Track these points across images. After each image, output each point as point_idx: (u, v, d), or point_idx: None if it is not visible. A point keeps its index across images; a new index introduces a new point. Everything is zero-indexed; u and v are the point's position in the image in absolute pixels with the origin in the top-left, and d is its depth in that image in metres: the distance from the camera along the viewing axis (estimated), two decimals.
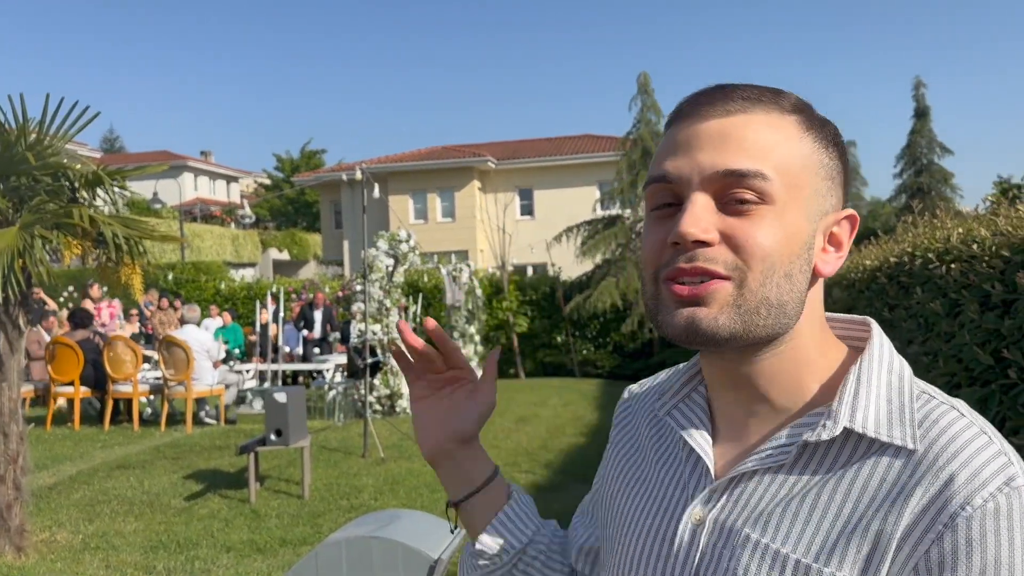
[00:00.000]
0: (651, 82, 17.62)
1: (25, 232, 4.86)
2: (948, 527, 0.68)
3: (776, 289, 0.75)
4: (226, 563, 4.93)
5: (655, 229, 0.79)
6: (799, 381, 0.80)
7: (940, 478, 0.70)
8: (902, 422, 0.74)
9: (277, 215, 49.29)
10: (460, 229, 29.80)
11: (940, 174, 27.95)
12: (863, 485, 0.73)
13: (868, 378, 0.78)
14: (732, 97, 0.78)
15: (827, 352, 0.82)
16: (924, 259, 3.23)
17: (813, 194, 0.78)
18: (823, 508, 0.74)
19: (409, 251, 10.72)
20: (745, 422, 0.83)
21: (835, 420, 0.75)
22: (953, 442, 0.71)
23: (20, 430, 5.09)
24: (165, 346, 9.59)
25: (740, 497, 0.79)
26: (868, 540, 0.71)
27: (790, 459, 0.77)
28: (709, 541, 0.79)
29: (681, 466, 0.86)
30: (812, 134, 0.79)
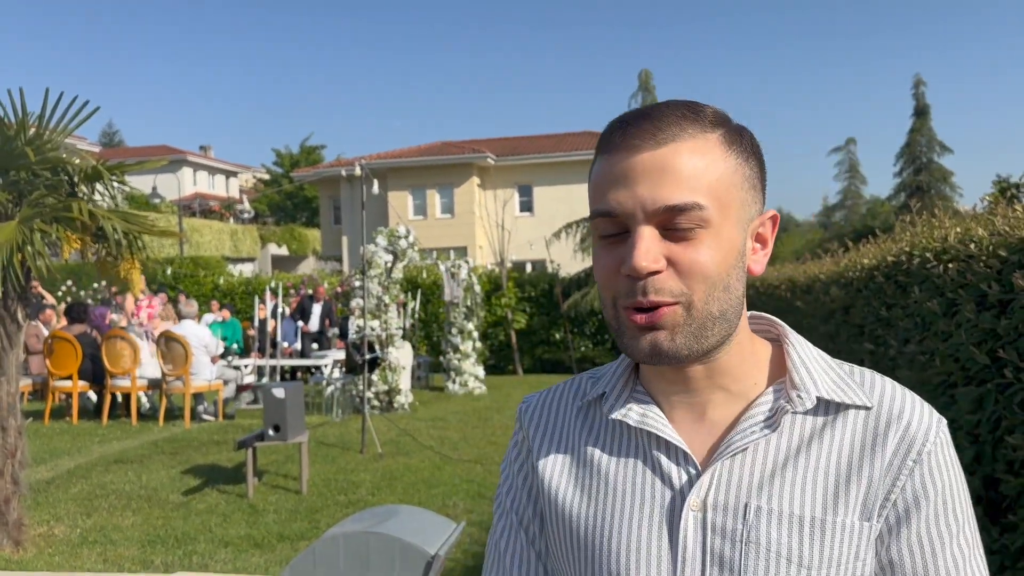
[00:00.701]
0: (652, 79, 17.65)
1: (24, 226, 4.86)
2: (917, 462, 0.86)
3: (718, 303, 0.84)
4: (224, 558, 4.94)
5: (606, 256, 0.87)
6: (746, 368, 0.91)
7: (901, 425, 0.87)
8: (851, 386, 0.89)
9: (276, 210, 49.27)
10: (459, 225, 29.79)
11: (939, 173, 27.99)
12: (841, 441, 0.87)
13: (806, 359, 0.91)
14: (659, 126, 0.84)
15: (756, 343, 0.94)
16: (922, 258, 3.24)
17: (740, 206, 0.86)
18: (816, 467, 0.86)
19: (408, 247, 10.72)
20: (704, 411, 0.91)
21: (807, 391, 0.87)
22: (895, 397, 0.89)
23: (18, 424, 5.09)
24: (164, 341, 9.59)
25: (731, 475, 0.87)
26: (862, 484, 0.85)
27: (773, 431, 0.87)
28: (716, 522, 0.85)
29: (650, 461, 0.90)
30: (735, 149, 0.87)
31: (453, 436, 8.74)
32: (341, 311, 14.66)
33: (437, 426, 9.44)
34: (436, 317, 16.46)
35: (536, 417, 1.02)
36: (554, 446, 0.99)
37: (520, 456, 1.02)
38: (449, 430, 9.15)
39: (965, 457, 2.51)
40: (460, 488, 6.41)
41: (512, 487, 1.02)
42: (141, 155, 41.38)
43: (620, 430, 0.94)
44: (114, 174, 5.27)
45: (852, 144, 36.44)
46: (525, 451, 1.02)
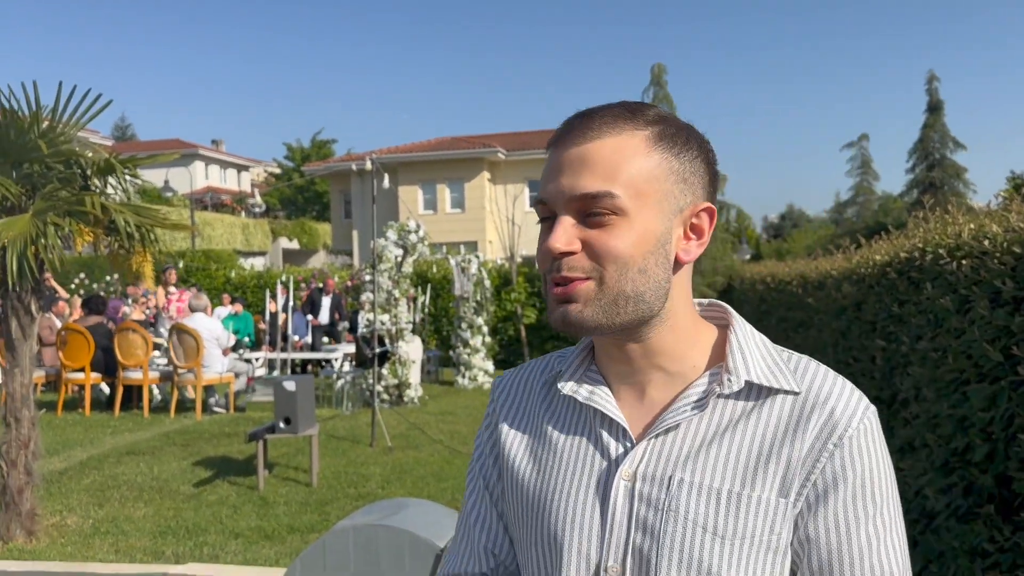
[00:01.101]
0: (665, 73, 17.57)
1: (38, 219, 4.89)
2: (838, 445, 0.91)
3: (631, 283, 0.92)
4: (234, 549, 4.96)
5: (541, 238, 0.96)
6: (684, 351, 0.98)
7: (825, 411, 0.92)
8: (783, 372, 0.95)
9: (287, 204, 49.39)
10: (469, 220, 29.80)
11: (953, 169, 27.80)
12: (766, 422, 0.93)
13: (745, 344, 0.97)
14: (590, 125, 0.93)
15: (699, 327, 1.01)
16: (935, 255, 3.22)
17: (664, 197, 0.93)
18: (739, 445, 0.93)
19: (418, 242, 10.73)
20: (644, 390, 0.99)
21: (737, 375, 0.94)
22: (824, 384, 0.94)
23: (32, 415, 5.13)
24: (175, 333, 9.64)
25: (663, 449, 0.95)
26: (781, 464, 0.92)
27: (703, 411, 0.94)
28: (643, 491, 0.94)
29: (594, 435, 0.99)
30: (664, 146, 0.94)
31: (463, 430, 8.76)
32: (351, 305, 14.69)
33: (447, 420, 9.46)
34: (446, 311, 16.48)
35: (506, 391, 1.13)
36: (516, 417, 1.09)
37: (490, 427, 1.13)
38: (459, 424, 9.16)
39: (977, 455, 2.49)
40: None
41: (481, 455, 1.13)
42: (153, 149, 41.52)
43: (572, 405, 1.03)
44: (127, 167, 5.29)
45: (864, 140, 36.21)
46: (493, 423, 1.12)
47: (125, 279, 5.93)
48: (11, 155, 5.00)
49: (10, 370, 5.11)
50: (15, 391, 5.10)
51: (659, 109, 0.97)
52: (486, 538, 1.09)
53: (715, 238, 17.56)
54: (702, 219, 0.97)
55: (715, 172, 0.99)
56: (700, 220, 0.97)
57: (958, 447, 2.69)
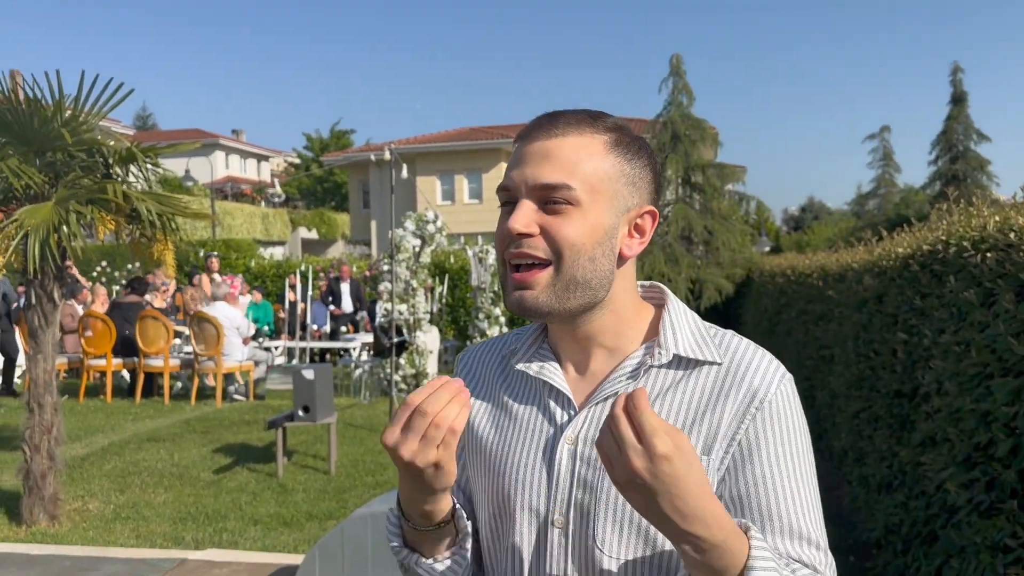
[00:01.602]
0: (684, 64, 17.45)
1: (60, 207, 4.93)
2: (759, 409, 1.02)
3: (581, 270, 1.02)
4: (253, 535, 5.01)
5: (501, 222, 1.06)
6: (623, 330, 1.10)
7: (747, 379, 1.04)
8: (708, 346, 1.07)
9: (306, 194, 49.53)
10: (487, 211, 29.75)
11: (976, 161, 27.43)
12: (692, 389, 1.05)
13: (676, 321, 1.09)
14: (556, 123, 1.04)
15: (639, 309, 1.12)
16: (959, 247, 3.18)
17: (614, 196, 1.05)
18: (667, 410, 1.04)
19: (436, 232, 10.73)
20: (587, 364, 1.11)
21: (667, 349, 1.06)
22: (745, 354, 1.06)
23: (54, 401, 5.19)
24: (196, 322, 9.71)
25: (601, 415, 1.06)
26: (704, 428, 1.03)
27: (636, 380, 1.06)
28: (584, 452, 1.05)
29: (542, 404, 1.11)
30: (619, 151, 1.05)
31: None
32: (370, 295, 14.72)
33: None
34: (463, 302, 16.49)
35: (468, 365, 1.24)
36: (476, 389, 1.21)
37: None
38: None
39: (1001, 450, 2.47)
40: None
41: None
42: (174, 138, 41.75)
43: (524, 379, 1.15)
44: (148, 156, 5.32)
45: (887, 132, 35.77)
46: None
47: (146, 267, 5.97)
48: (34, 143, 5.04)
49: (33, 356, 5.17)
50: (38, 377, 5.16)
51: (616, 119, 1.09)
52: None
53: (735, 229, 17.48)
54: (645, 220, 1.09)
55: (660, 181, 1.11)
56: (643, 221, 1.09)
57: (981, 442, 2.66)
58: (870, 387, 4.51)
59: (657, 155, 1.08)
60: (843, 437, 5.29)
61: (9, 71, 5.25)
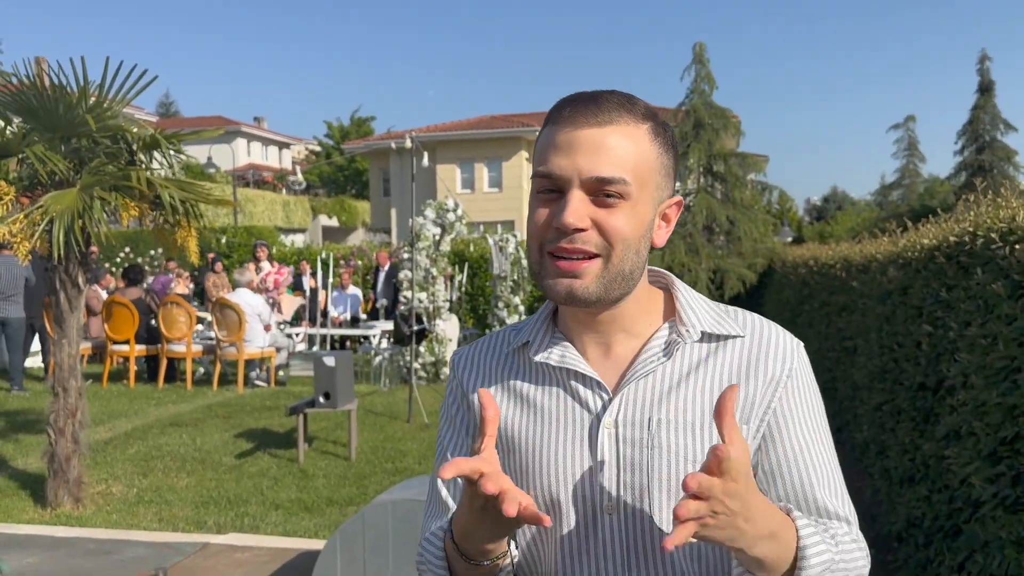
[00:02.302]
0: (707, 52, 17.31)
1: (85, 193, 4.97)
2: (789, 377, 1.08)
3: (629, 263, 1.03)
4: (275, 520, 5.05)
5: (541, 209, 1.04)
6: (641, 314, 1.11)
7: (772, 349, 1.09)
8: (729, 321, 1.11)
9: (327, 182, 49.69)
10: (507, 199, 29.75)
11: (1003, 151, 27.00)
12: (722, 363, 1.08)
13: (691, 301, 1.12)
14: (602, 108, 1.02)
15: (651, 294, 1.14)
16: (986, 239, 3.13)
17: (655, 187, 1.05)
18: (702, 384, 1.07)
19: (456, 220, 10.73)
20: (609, 348, 1.11)
21: (693, 326, 1.09)
22: (763, 328, 1.11)
23: (79, 386, 5.25)
24: (218, 308, 9.78)
25: (636, 396, 1.07)
26: (741, 397, 1.05)
27: (669, 358, 1.07)
28: (626, 434, 1.05)
29: (571, 392, 1.10)
30: (658, 140, 1.05)
31: None
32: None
33: None
34: (483, 290, 16.51)
35: (468, 364, 1.20)
36: (486, 385, 1.16)
37: (456, 401, 1.20)
38: None
39: None
40: None
41: (450, 429, 1.20)
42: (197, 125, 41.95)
43: (544, 370, 1.13)
44: (171, 143, 5.35)
45: (912, 121, 35.31)
46: (460, 395, 1.19)
47: (169, 253, 6.01)
48: (59, 129, 5.08)
49: (58, 341, 5.23)
50: (63, 361, 5.22)
51: (645, 103, 1.07)
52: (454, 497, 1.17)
53: (757, 219, 17.35)
54: (672, 210, 1.11)
55: (678, 167, 1.12)
56: (671, 211, 1.11)
57: (1007, 436, 2.63)
58: (893, 380, 4.46)
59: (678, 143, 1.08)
60: (865, 429, 5.25)
61: (34, 58, 5.29)
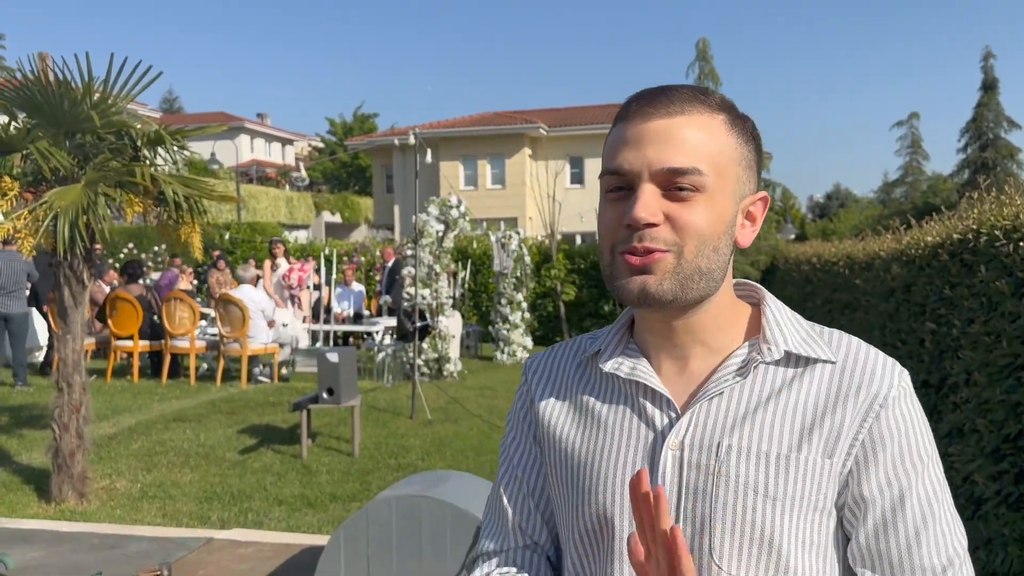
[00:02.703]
0: (710, 48, 17.29)
1: (89, 189, 4.98)
2: (883, 407, 0.96)
3: (706, 260, 0.95)
4: (278, 515, 5.06)
5: (610, 209, 0.97)
6: (723, 327, 1.02)
7: (866, 378, 0.97)
8: (819, 344, 1.00)
9: (330, 178, 49.70)
10: (510, 196, 29.74)
11: (1006, 149, 26.99)
12: (807, 390, 0.97)
13: (779, 318, 1.02)
14: (672, 100, 0.95)
15: (736, 305, 1.04)
16: (990, 236, 3.14)
17: (736, 181, 0.97)
18: (783, 411, 0.96)
19: (459, 217, 10.74)
20: (686, 363, 1.02)
21: (776, 345, 0.98)
22: (858, 352, 0.99)
23: (83, 381, 5.27)
24: (222, 304, 9.80)
25: (707, 418, 0.97)
26: (826, 429, 0.95)
27: (744, 379, 0.98)
28: (691, 458, 0.96)
29: (637, 408, 1.02)
30: (736, 131, 0.98)
31: (501, 405, 8.80)
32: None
33: (485, 395, 9.51)
34: (486, 287, 16.52)
35: (539, 371, 1.15)
36: (554, 394, 1.11)
37: (524, 406, 1.15)
38: (497, 399, 9.21)
39: None
40: None
41: (517, 435, 1.15)
42: (200, 121, 41.97)
43: (613, 381, 1.05)
44: (176, 139, 5.36)
45: (915, 119, 35.28)
46: (528, 401, 1.14)
47: (173, 249, 6.02)
48: (64, 125, 5.09)
49: (62, 337, 5.24)
50: (67, 357, 5.23)
51: (722, 95, 1.00)
52: (517, 517, 1.12)
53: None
54: (757, 207, 1.02)
55: (762, 163, 1.03)
56: (756, 208, 1.02)
57: (1010, 433, 2.63)
58: None
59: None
60: None
61: (38, 53, 5.30)
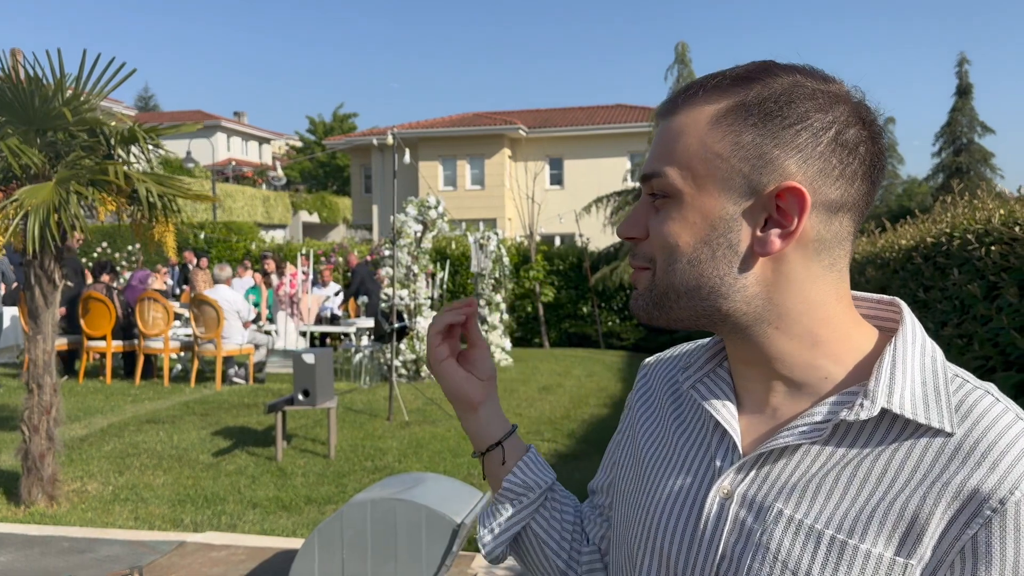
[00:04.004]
0: (689, 51, 17.37)
1: (61, 187, 4.91)
2: (997, 512, 0.70)
3: (680, 276, 0.81)
4: (252, 518, 5.01)
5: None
6: (811, 360, 0.81)
7: (984, 464, 0.71)
8: (939, 405, 0.75)
9: (308, 178, 49.48)
10: (489, 197, 29.73)
11: (980, 154, 27.32)
12: (899, 465, 0.75)
13: (903, 359, 0.78)
14: (676, 96, 0.84)
15: (849, 332, 0.82)
16: (963, 240, 3.17)
17: (727, 178, 0.79)
18: (857, 485, 0.76)
19: (438, 218, 10.72)
20: (766, 398, 0.84)
21: (873, 400, 0.76)
22: (992, 428, 0.73)
23: (54, 382, 5.19)
24: (196, 304, 9.71)
25: (770, 472, 0.80)
26: (904, 520, 0.73)
27: (824, 436, 0.78)
28: (738, 515, 0.80)
29: (707, 439, 0.88)
30: (731, 118, 0.79)
31: None
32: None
33: None
34: (464, 288, 16.50)
35: (646, 376, 1.06)
36: (647, 408, 1.02)
37: (626, 412, 1.08)
38: None
39: None
40: None
41: (617, 434, 1.09)
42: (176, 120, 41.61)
43: (695, 405, 0.93)
44: (150, 137, 5.29)
45: (891, 123, 35.65)
46: (629, 408, 1.07)
47: (147, 249, 5.95)
48: (35, 122, 5.01)
49: (32, 337, 5.17)
50: (38, 358, 5.15)
51: (750, 73, 0.81)
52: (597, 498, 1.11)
53: None
54: (789, 203, 0.77)
55: (847, 145, 0.78)
56: (786, 204, 0.77)
57: None
58: None
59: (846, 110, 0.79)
60: None
61: (10, 49, 5.22)
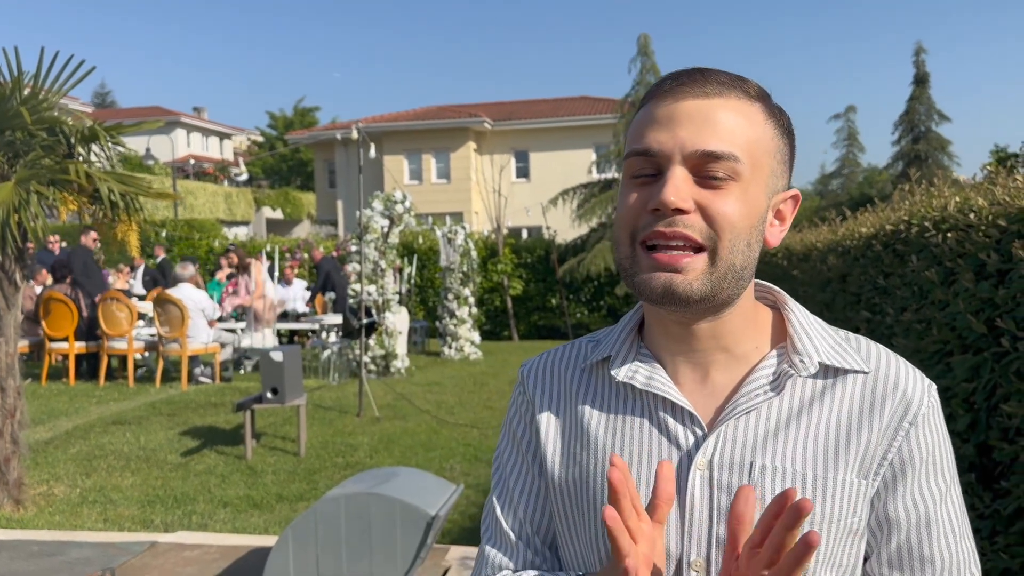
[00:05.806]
0: (651, 43, 17.45)
1: (21, 187, 4.83)
2: (913, 423, 0.91)
3: (740, 256, 0.88)
4: (223, 518, 4.99)
5: (634, 195, 0.89)
6: (747, 333, 0.94)
7: (898, 391, 0.91)
8: (849, 352, 0.93)
9: (271, 173, 48.95)
10: (455, 191, 29.66)
11: (938, 142, 27.83)
12: (841, 403, 0.91)
13: (805, 324, 0.94)
14: (709, 80, 0.89)
15: (758, 309, 0.97)
16: (920, 227, 3.25)
17: (770, 174, 0.90)
18: (815, 427, 0.90)
19: (404, 212, 10.69)
20: (707, 372, 0.93)
21: (809, 357, 0.91)
22: (889, 363, 0.93)
23: (17, 384, 5.11)
24: (160, 303, 9.59)
25: (736, 435, 0.90)
26: (860, 444, 0.90)
27: (775, 394, 0.90)
28: (723, 480, 0.89)
29: (657, 422, 0.92)
30: (772, 121, 0.91)
31: (449, 400, 8.80)
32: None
33: (433, 391, 9.50)
34: (432, 282, 16.48)
35: (539, 379, 1.03)
36: (557, 407, 1.00)
37: (522, 421, 1.03)
38: (445, 394, 9.20)
39: (960, 425, 2.54)
40: (457, 451, 6.48)
41: (513, 454, 1.03)
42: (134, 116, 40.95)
43: (625, 392, 0.95)
44: (111, 135, 5.23)
45: (852, 112, 36.13)
46: (528, 415, 1.02)
47: (109, 248, 5.88)
48: None
49: None
50: (0, 360, 5.07)
51: (757, 84, 0.93)
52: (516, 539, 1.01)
53: None
54: (788, 205, 0.95)
55: (794, 160, 0.96)
56: (786, 206, 0.95)
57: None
58: None
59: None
60: None
61: None
